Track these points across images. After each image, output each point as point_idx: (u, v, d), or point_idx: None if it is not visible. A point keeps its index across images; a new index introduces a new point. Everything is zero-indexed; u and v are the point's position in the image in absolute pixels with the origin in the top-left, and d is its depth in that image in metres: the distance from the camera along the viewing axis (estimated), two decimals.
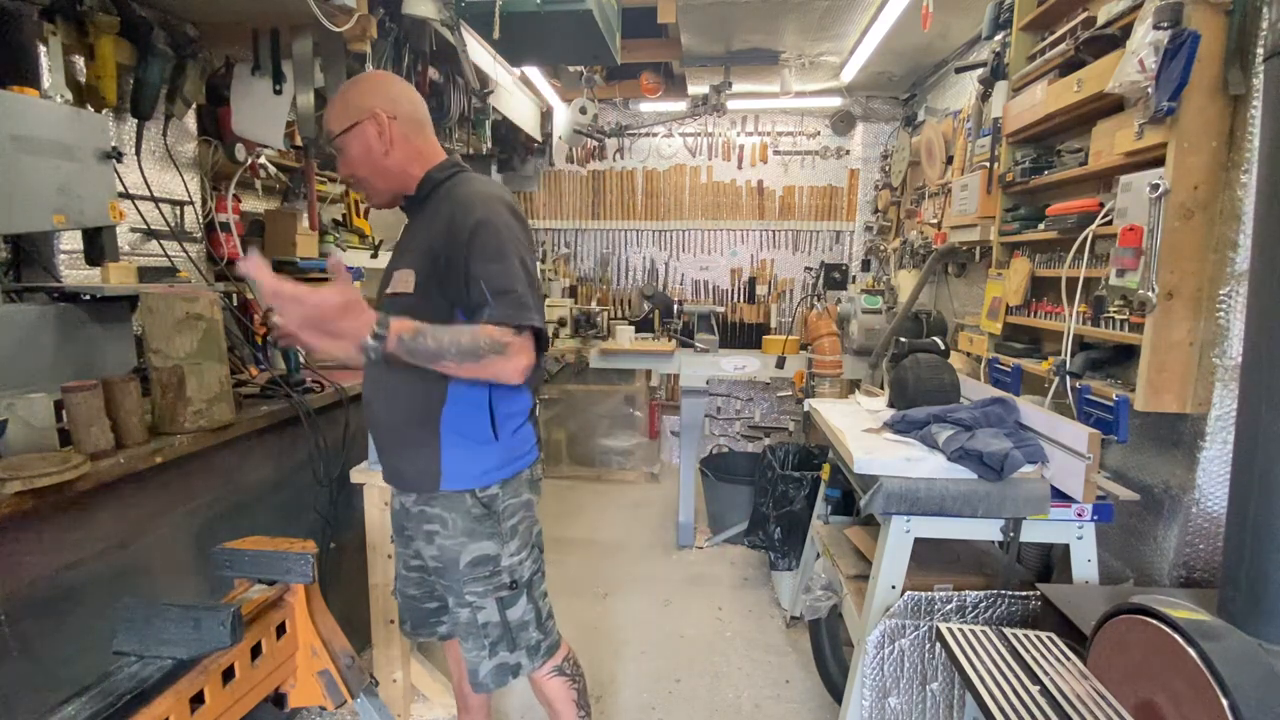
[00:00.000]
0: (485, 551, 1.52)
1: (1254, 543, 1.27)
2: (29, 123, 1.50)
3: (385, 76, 1.57)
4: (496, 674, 1.57)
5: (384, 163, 1.49)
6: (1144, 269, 1.69)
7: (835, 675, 2.37)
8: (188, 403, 1.63)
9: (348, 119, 1.47)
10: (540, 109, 4.62)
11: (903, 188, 4.41)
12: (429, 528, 1.53)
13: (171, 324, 1.61)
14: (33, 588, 1.35)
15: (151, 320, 1.61)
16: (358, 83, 1.52)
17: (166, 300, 1.60)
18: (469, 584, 1.52)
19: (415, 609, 1.73)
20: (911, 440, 1.98)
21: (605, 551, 3.66)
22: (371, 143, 1.47)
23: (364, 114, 1.46)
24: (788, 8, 3.26)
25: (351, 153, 1.49)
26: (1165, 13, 1.59)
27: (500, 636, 1.55)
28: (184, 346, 1.62)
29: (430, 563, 1.57)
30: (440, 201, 1.49)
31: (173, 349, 1.61)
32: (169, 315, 1.60)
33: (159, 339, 1.60)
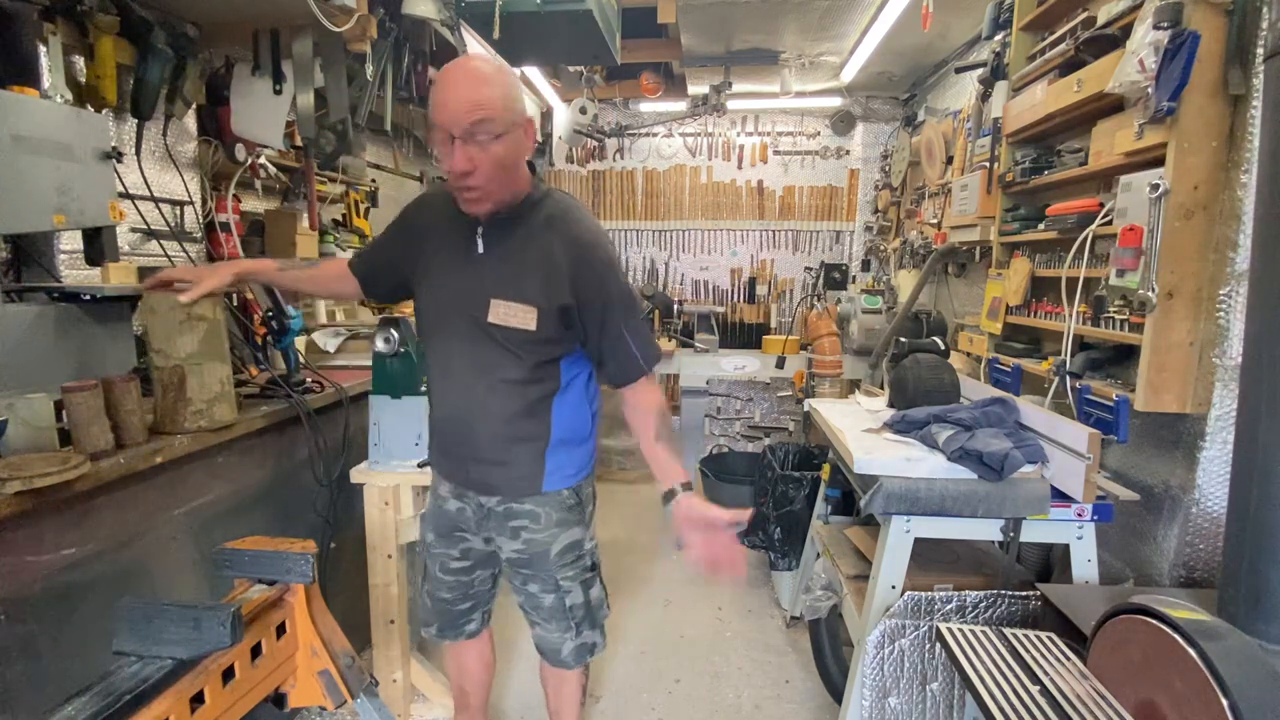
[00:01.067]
0: (575, 538, 1.64)
1: (1254, 543, 1.27)
2: (29, 123, 1.49)
3: (513, 73, 1.47)
4: (578, 652, 1.69)
5: (515, 171, 1.42)
6: (1144, 269, 1.69)
7: (835, 675, 2.37)
8: (188, 403, 1.63)
9: (513, 117, 1.35)
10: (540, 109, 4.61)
11: (903, 188, 4.41)
12: (516, 524, 1.59)
13: (174, 324, 1.60)
14: (33, 588, 1.35)
15: (154, 320, 1.60)
16: (513, 81, 1.40)
17: (169, 300, 1.60)
18: (560, 570, 1.62)
19: (447, 611, 1.74)
20: (911, 440, 1.98)
21: (605, 551, 3.62)
22: (522, 150, 1.41)
23: (524, 118, 1.39)
24: (788, 8, 3.26)
25: (501, 152, 1.35)
26: (1165, 13, 1.59)
27: (584, 616, 1.68)
28: (186, 346, 1.62)
29: (512, 555, 1.63)
30: (542, 228, 1.44)
31: (174, 349, 1.61)
32: (171, 315, 1.60)
33: (161, 339, 1.60)
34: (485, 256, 1.47)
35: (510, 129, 1.34)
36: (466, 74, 1.32)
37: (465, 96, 1.29)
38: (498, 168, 1.35)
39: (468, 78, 1.31)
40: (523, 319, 1.43)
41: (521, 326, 1.44)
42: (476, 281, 1.47)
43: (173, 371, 1.61)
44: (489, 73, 1.33)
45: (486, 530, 1.65)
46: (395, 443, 2.02)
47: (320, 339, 2.86)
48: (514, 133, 1.35)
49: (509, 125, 1.33)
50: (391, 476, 2.02)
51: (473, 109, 1.29)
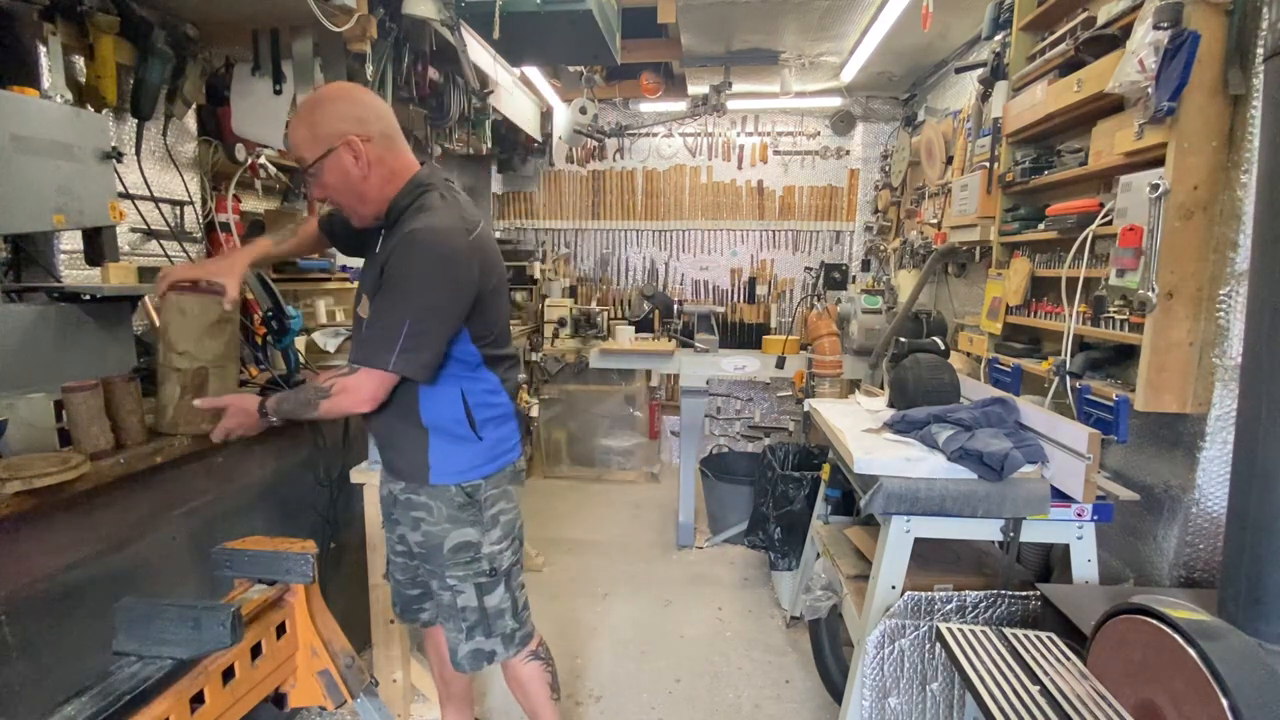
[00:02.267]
0: (467, 538, 1.61)
1: (1254, 543, 1.27)
2: (29, 123, 1.49)
3: (347, 92, 1.50)
4: (473, 658, 1.66)
5: (363, 187, 1.49)
6: (1144, 269, 1.69)
7: (835, 675, 2.37)
8: None
9: (319, 147, 1.44)
10: (540, 109, 4.62)
11: (903, 188, 4.41)
12: (415, 514, 1.61)
13: (205, 326, 1.61)
14: (33, 588, 1.35)
15: (182, 322, 1.60)
16: (321, 105, 1.46)
17: (202, 303, 1.59)
18: (450, 568, 1.61)
19: (401, 594, 1.81)
20: (911, 440, 1.98)
21: (605, 551, 3.66)
22: (349, 169, 1.46)
23: (336, 140, 1.43)
24: (788, 8, 3.26)
25: (328, 181, 1.47)
26: (1165, 13, 1.59)
27: (477, 622, 1.64)
28: (213, 349, 1.63)
29: (415, 548, 1.65)
30: (400, 227, 1.46)
31: (203, 351, 1.62)
32: (204, 317, 1.60)
33: (188, 341, 1.60)
34: (370, 260, 1.60)
35: (322, 158, 1.44)
36: (292, 122, 1.49)
37: (290, 140, 1.50)
38: (342, 192, 1.49)
39: (293, 119, 1.49)
40: (365, 308, 1.53)
41: (364, 315, 1.53)
42: (361, 283, 1.61)
43: (197, 373, 1.62)
44: (305, 113, 1.47)
45: (398, 515, 1.67)
46: None
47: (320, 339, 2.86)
48: (329, 158, 1.44)
49: (319, 154, 1.44)
50: None
51: (293, 149, 1.49)
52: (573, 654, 2.68)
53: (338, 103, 1.47)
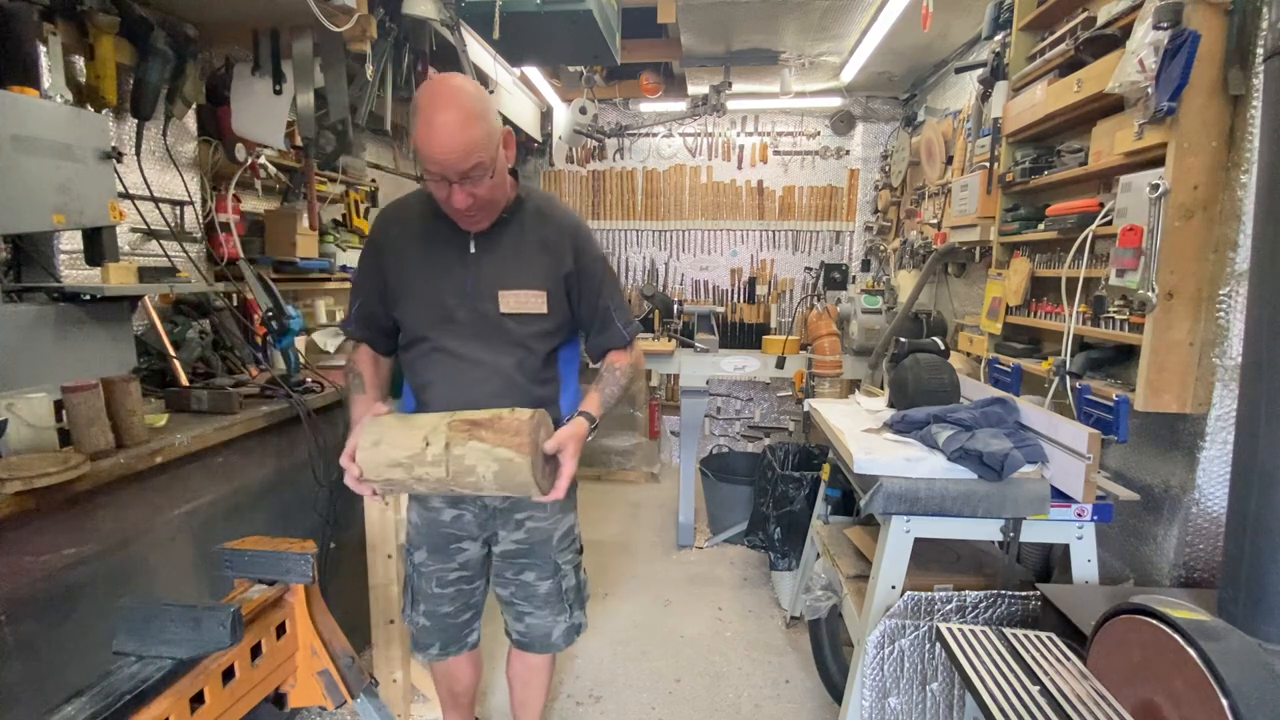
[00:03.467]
0: (571, 523, 1.74)
1: (1254, 542, 1.27)
2: (29, 123, 1.49)
3: (473, 82, 1.40)
4: (568, 634, 1.75)
5: (505, 179, 1.47)
6: (1144, 269, 1.69)
7: (835, 675, 2.37)
8: None
9: (493, 145, 1.35)
10: (540, 109, 4.62)
11: (903, 188, 4.41)
12: (521, 515, 1.65)
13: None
14: (33, 588, 1.35)
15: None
16: (481, 96, 1.35)
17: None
18: (560, 554, 1.69)
19: (449, 625, 1.73)
20: (911, 440, 1.98)
21: (605, 551, 3.66)
22: (504, 166, 1.43)
23: (503, 135, 1.40)
24: (788, 8, 3.26)
25: (496, 180, 1.39)
26: (1165, 13, 1.59)
27: (576, 597, 1.75)
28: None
29: (510, 547, 1.67)
30: (534, 220, 1.52)
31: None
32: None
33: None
34: (481, 255, 1.50)
35: (496, 157, 1.37)
36: (452, 117, 1.29)
37: (456, 144, 1.29)
38: (493, 191, 1.41)
39: (454, 122, 1.29)
40: (535, 304, 1.50)
41: (534, 311, 1.51)
42: (478, 279, 1.49)
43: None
44: (473, 113, 1.31)
45: (489, 530, 1.66)
46: None
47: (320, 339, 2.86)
48: (498, 158, 1.38)
49: (495, 155, 1.36)
50: None
51: (465, 156, 1.30)
52: (573, 654, 2.68)
53: (483, 94, 1.38)
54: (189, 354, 2.09)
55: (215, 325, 2.27)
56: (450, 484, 1.34)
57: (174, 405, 1.85)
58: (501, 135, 1.39)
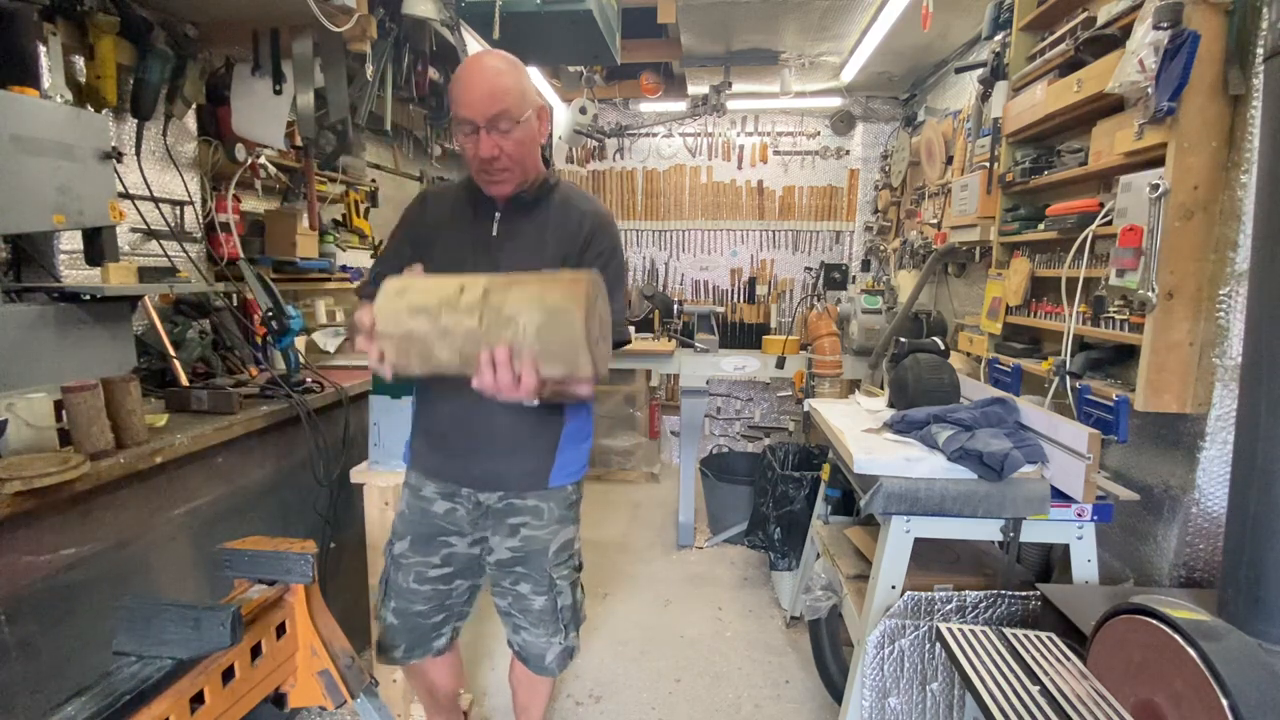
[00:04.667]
0: (569, 536, 1.66)
1: (1254, 543, 1.27)
2: (29, 123, 1.49)
3: (523, 67, 1.53)
4: (561, 658, 1.69)
5: (534, 155, 1.52)
6: (1144, 269, 1.69)
7: (835, 675, 2.37)
8: None
9: (526, 105, 1.45)
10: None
11: (903, 188, 4.41)
12: (516, 520, 1.59)
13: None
14: (33, 588, 1.35)
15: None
16: (520, 68, 1.48)
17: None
18: (556, 569, 1.63)
19: (418, 625, 1.67)
20: (911, 440, 1.98)
21: (605, 551, 3.66)
22: (535, 136, 1.50)
23: (537, 105, 1.48)
24: (788, 8, 3.26)
25: (518, 136, 1.45)
26: (1165, 13, 1.59)
27: (572, 617, 1.68)
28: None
29: (505, 555, 1.62)
30: (559, 207, 1.54)
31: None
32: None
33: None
34: (501, 240, 1.53)
35: (526, 117, 1.44)
36: (484, 69, 1.43)
37: (485, 90, 1.40)
38: (519, 150, 1.45)
39: (485, 72, 1.42)
40: None
41: None
42: (496, 263, 1.49)
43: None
44: (504, 67, 1.44)
45: (480, 530, 1.62)
46: (395, 443, 2.02)
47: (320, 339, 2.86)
48: (529, 120, 1.45)
49: (524, 113, 1.43)
50: (391, 476, 2.02)
51: (492, 101, 1.39)
52: None
53: (526, 71, 1.51)
54: (189, 354, 2.09)
55: (215, 325, 2.27)
56: (483, 337, 1.09)
57: (174, 405, 1.85)
58: (535, 101, 1.46)
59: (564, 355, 1.09)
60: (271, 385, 2.04)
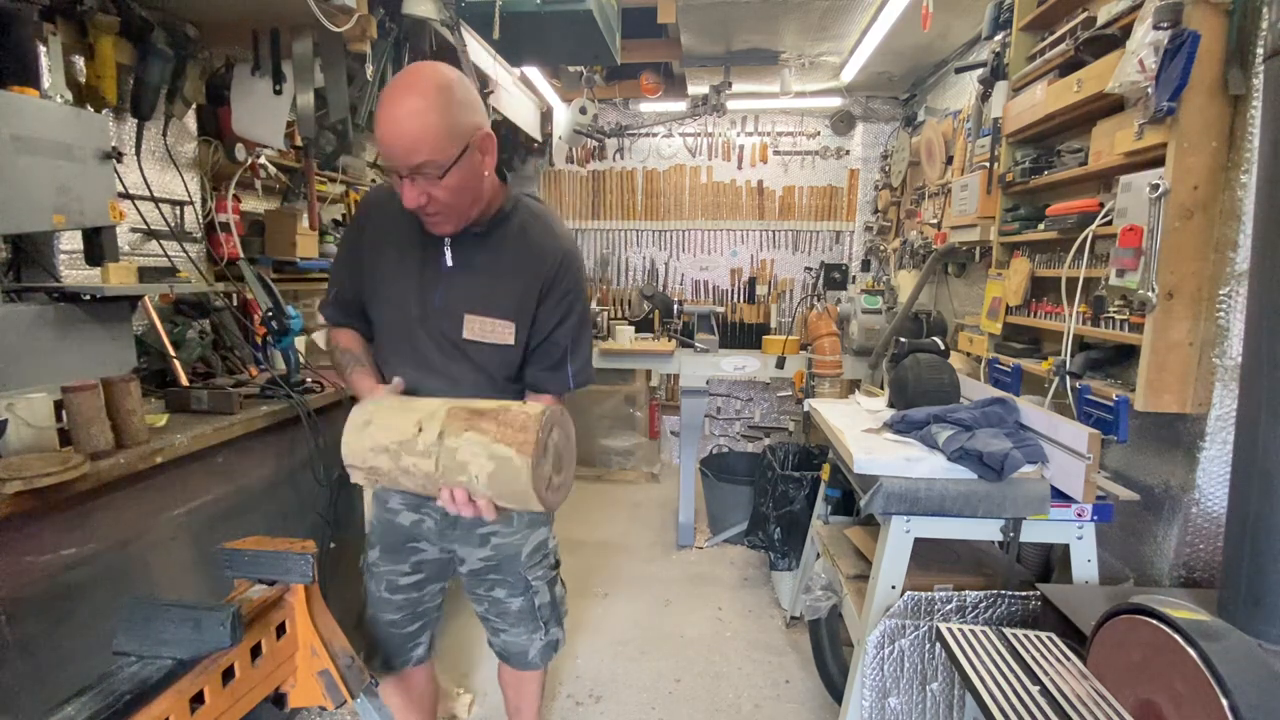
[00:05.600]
0: (542, 538, 1.65)
1: (1254, 542, 1.27)
2: (29, 123, 1.49)
3: (458, 75, 1.26)
4: (544, 652, 1.69)
5: (480, 188, 1.32)
6: (1144, 269, 1.69)
7: (835, 675, 2.37)
8: None
9: (455, 144, 1.22)
10: (540, 109, 4.61)
11: (903, 188, 4.41)
12: (485, 530, 1.57)
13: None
14: (33, 588, 1.35)
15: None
16: (450, 89, 1.22)
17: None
18: (530, 571, 1.62)
19: (395, 635, 1.66)
20: (911, 440, 1.98)
21: (605, 551, 3.66)
22: (477, 169, 1.28)
23: (472, 133, 1.25)
24: (788, 8, 3.26)
25: (449, 183, 1.24)
26: (1165, 13, 1.59)
27: (551, 614, 1.68)
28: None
29: (478, 564, 1.61)
30: (516, 238, 1.38)
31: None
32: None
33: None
34: (456, 270, 1.39)
35: (458, 159, 1.23)
36: (400, 113, 1.19)
37: (402, 140, 1.19)
38: (452, 196, 1.27)
39: (402, 118, 1.19)
40: (501, 334, 1.38)
41: (499, 342, 1.39)
42: (447, 297, 1.39)
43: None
44: (422, 106, 1.19)
45: (448, 541, 1.59)
46: None
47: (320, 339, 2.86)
48: (465, 159, 1.24)
49: (455, 156, 1.22)
50: None
51: (411, 152, 1.20)
52: (573, 654, 2.68)
53: (461, 87, 1.24)
54: (189, 354, 2.09)
55: (215, 325, 2.27)
56: (439, 480, 1.19)
57: (174, 405, 1.85)
58: (475, 136, 1.25)
59: (514, 499, 1.18)
60: (271, 385, 2.04)
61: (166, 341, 2.02)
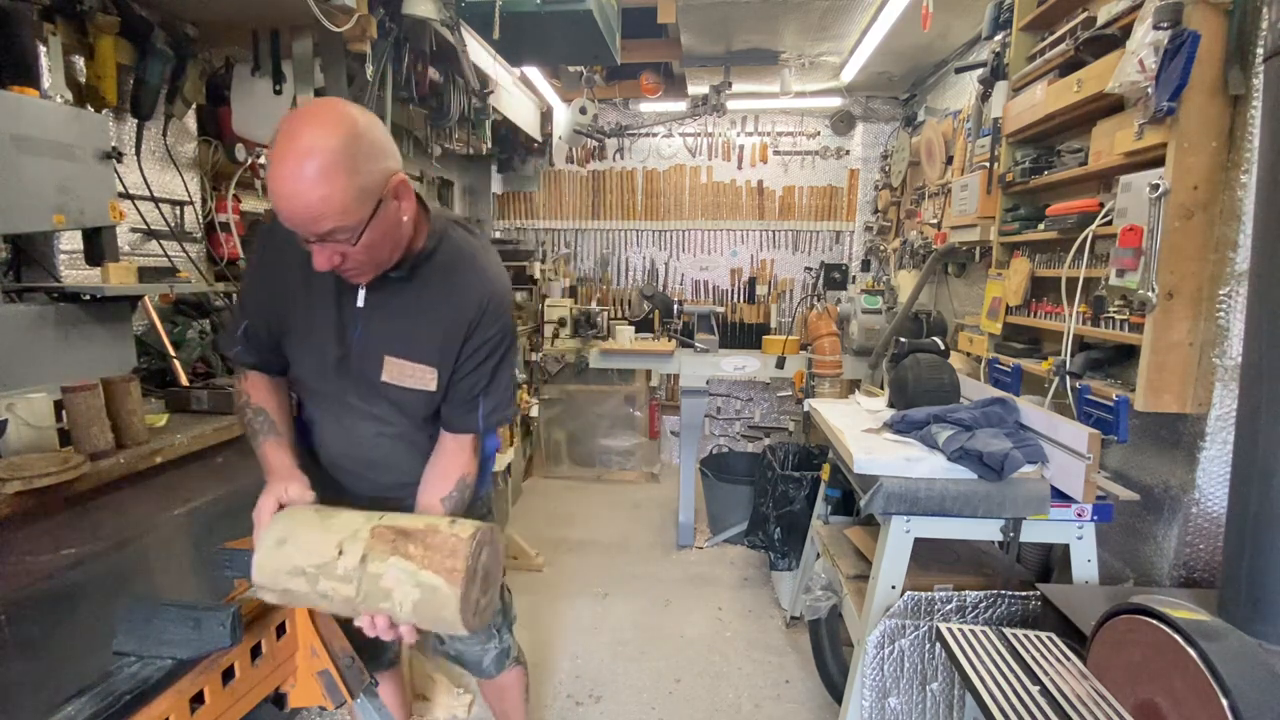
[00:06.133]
0: None
1: (1254, 543, 1.27)
2: (29, 123, 1.49)
3: (363, 116, 1.10)
4: (499, 659, 1.68)
5: (400, 235, 1.19)
6: (1144, 269, 1.69)
7: (835, 675, 2.37)
8: None
9: (368, 202, 1.08)
10: (540, 109, 4.62)
11: (903, 188, 4.41)
12: None
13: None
14: (33, 588, 1.35)
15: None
16: (356, 141, 1.06)
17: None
18: None
19: (362, 641, 1.62)
20: (911, 440, 1.98)
21: (605, 551, 3.66)
22: (395, 218, 1.15)
23: (385, 183, 1.11)
24: (788, 8, 3.26)
25: (365, 242, 1.11)
26: (1165, 13, 1.59)
27: (503, 620, 1.68)
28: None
29: None
30: (440, 280, 1.27)
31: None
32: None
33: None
34: (371, 311, 1.28)
35: (372, 218, 1.10)
36: (301, 175, 1.02)
37: (306, 210, 1.04)
38: (370, 252, 1.15)
39: (304, 182, 1.03)
40: (423, 380, 1.30)
41: (420, 388, 1.30)
42: (364, 339, 1.29)
43: None
44: (328, 166, 1.03)
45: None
46: None
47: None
48: (379, 215, 1.11)
49: (368, 217, 1.09)
50: None
51: (317, 221, 1.05)
52: (573, 654, 2.68)
53: (366, 132, 1.08)
54: (189, 354, 2.09)
55: (215, 325, 2.27)
56: (360, 606, 1.10)
57: (174, 405, 1.85)
58: (389, 185, 1.11)
59: (439, 625, 1.11)
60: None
61: (166, 341, 2.02)
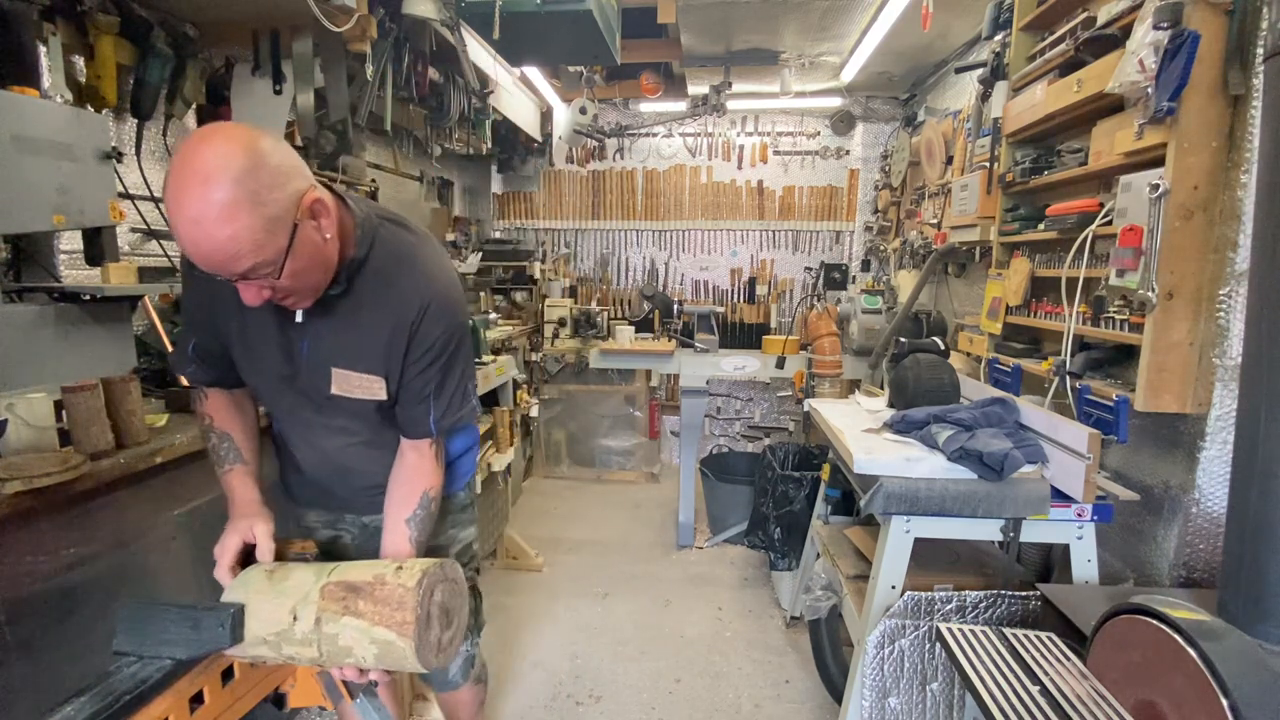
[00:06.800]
0: (470, 538, 1.64)
1: (1254, 543, 1.27)
2: (29, 123, 1.49)
3: (261, 137, 1.01)
4: (464, 668, 1.63)
5: (327, 255, 1.12)
6: (1144, 269, 1.69)
7: (835, 675, 2.37)
8: None
9: (284, 231, 1.01)
10: (540, 109, 4.62)
11: (903, 188, 4.41)
12: None
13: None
14: (33, 588, 1.35)
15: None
16: (257, 168, 0.97)
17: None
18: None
19: None
20: (911, 440, 1.98)
21: (605, 551, 3.66)
22: (316, 240, 1.08)
23: (296, 207, 1.03)
24: (788, 8, 3.26)
25: (289, 270, 1.04)
26: (1165, 13, 1.59)
27: (473, 625, 1.63)
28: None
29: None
30: (381, 286, 1.22)
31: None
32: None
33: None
34: (312, 325, 1.23)
35: (291, 246, 1.03)
36: (204, 216, 0.94)
37: (217, 252, 0.97)
38: (299, 279, 1.09)
39: (209, 223, 0.94)
40: (372, 389, 1.27)
41: (369, 398, 1.28)
42: (312, 351, 1.26)
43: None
44: (231, 202, 0.94)
45: (366, 555, 1.47)
46: None
47: None
48: (298, 241, 1.04)
49: (286, 246, 1.02)
50: None
51: (230, 260, 0.98)
52: (573, 654, 2.68)
53: (269, 155, 0.99)
54: None
55: None
56: (326, 663, 1.13)
57: (174, 405, 1.85)
58: (302, 207, 1.03)
59: (407, 668, 1.14)
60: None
61: (166, 341, 2.02)
